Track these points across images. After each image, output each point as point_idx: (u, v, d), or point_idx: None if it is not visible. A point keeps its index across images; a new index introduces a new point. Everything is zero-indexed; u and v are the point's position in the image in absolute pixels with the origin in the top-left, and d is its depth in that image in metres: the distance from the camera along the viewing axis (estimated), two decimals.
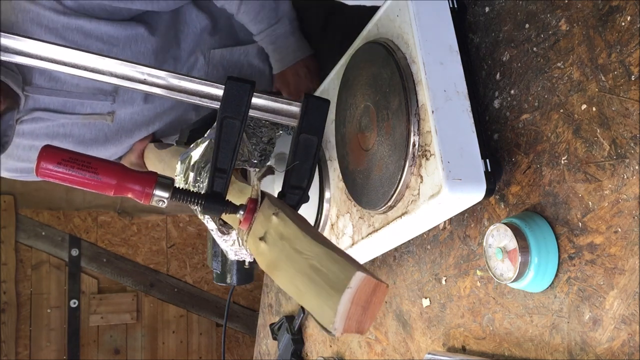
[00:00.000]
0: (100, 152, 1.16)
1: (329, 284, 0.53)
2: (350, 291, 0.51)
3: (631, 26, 0.54)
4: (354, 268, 0.52)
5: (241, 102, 0.69)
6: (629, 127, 0.54)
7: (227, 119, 0.69)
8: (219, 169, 0.69)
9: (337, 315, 0.52)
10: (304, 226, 0.60)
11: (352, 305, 0.52)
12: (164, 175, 0.68)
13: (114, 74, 0.70)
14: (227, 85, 0.69)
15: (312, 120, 0.73)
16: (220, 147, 0.69)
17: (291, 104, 0.74)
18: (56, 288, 2.98)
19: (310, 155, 0.74)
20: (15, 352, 2.87)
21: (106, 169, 0.65)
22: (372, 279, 0.51)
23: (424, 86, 0.66)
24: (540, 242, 0.61)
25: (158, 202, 0.67)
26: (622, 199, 0.54)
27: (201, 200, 0.68)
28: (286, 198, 0.73)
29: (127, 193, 0.66)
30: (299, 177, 0.74)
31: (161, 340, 3.14)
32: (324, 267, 0.55)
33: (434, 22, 0.69)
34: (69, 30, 1.00)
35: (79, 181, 0.64)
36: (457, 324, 0.76)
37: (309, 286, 0.56)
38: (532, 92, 0.66)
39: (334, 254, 0.55)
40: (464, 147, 0.65)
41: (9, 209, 2.92)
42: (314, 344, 1.21)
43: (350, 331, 0.52)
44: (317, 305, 0.55)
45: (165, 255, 3.19)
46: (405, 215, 0.69)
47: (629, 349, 0.53)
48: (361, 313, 0.52)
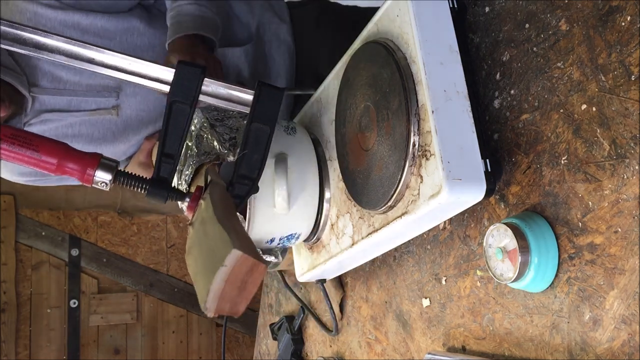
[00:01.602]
0: (110, 150, 1.16)
1: (213, 264, 0.50)
2: (225, 269, 0.48)
3: (631, 26, 0.54)
4: (232, 246, 0.48)
5: (191, 86, 0.67)
6: (629, 127, 0.54)
7: (176, 104, 0.68)
8: (166, 154, 0.68)
9: (209, 294, 0.48)
10: (220, 209, 0.57)
11: (226, 284, 0.48)
12: (109, 157, 0.67)
13: (61, 49, 0.69)
14: (177, 68, 0.68)
15: (265, 109, 0.71)
16: (168, 132, 0.68)
17: (244, 91, 0.72)
18: (56, 288, 2.98)
19: (262, 146, 0.72)
20: (15, 352, 2.87)
21: (48, 148, 0.64)
22: (249, 258, 0.48)
23: (424, 86, 0.66)
24: (540, 242, 0.61)
25: (101, 185, 0.66)
26: (622, 199, 0.54)
27: (146, 185, 0.67)
28: (235, 188, 0.71)
29: (68, 173, 0.65)
30: (249, 167, 0.72)
31: (161, 340, 3.14)
32: (216, 248, 0.52)
33: (434, 22, 0.69)
34: (66, 28, 1.01)
35: (20, 158, 0.63)
36: (457, 324, 0.76)
37: (202, 268, 0.53)
38: (532, 92, 0.66)
39: (225, 233, 0.51)
40: (464, 147, 0.65)
41: (9, 209, 2.92)
42: (314, 344, 1.21)
43: (223, 312, 0.49)
44: (201, 286, 0.52)
45: (165, 255, 3.19)
46: (405, 215, 0.69)
47: (629, 349, 0.53)
48: (237, 294, 0.49)
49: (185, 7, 1.05)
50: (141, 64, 0.70)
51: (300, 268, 1.02)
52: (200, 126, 0.88)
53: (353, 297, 1.04)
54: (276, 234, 0.90)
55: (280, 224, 0.89)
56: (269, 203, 0.84)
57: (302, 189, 0.88)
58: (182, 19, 1.04)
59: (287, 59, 1.26)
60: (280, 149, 0.87)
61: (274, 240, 0.91)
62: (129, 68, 0.70)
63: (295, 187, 0.87)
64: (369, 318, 0.99)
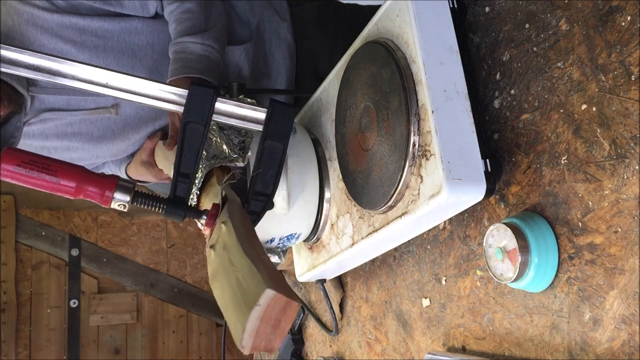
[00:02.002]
0: (109, 148, 1.16)
1: (245, 299, 0.51)
2: (259, 309, 0.49)
3: (631, 26, 0.54)
4: (265, 285, 0.49)
5: (204, 107, 0.69)
6: (629, 127, 0.54)
7: (190, 124, 0.69)
8: (182, 173, 0.69)
9: (245, 332, 0.49)
10: (244, 237, 0.58)
11: (261, 323, 0.49)
12: (126, 179, 0.67)
13: (75, 76, 0.70)
14: (190, 90, 0.69)
15: (278, 127, 0.72)
16: (184, 152, 0.69)
17: (256, 109, 0.73)
18: (56, 288, 2.98)
19: (276, 162, 0.73)
20: (15, 352, 2.87)
21: (66, 172, 0.64)
22: (283, 297, 0.49)
23: (424, 86, 0.66)
24: (540, 242, 0.61)
25: (119, 206, 0.67)
26: (622, 199, 0.54)
27: (163, 204, 0.68)
28: (250, 205, 0.73)
29: (87, 196, 0.65)
30: (264, 184, 0.73)
31: (161, 340, 3.14)
32: (245, 281, 0.53)
33: (434, 22, 0.69)
34: (64, 28, 1.01)
35: (39, 183, 0.64)
36: (457, 324, 0.76)
37: (232, 300, 0.54)
38: (532, 92, 0.66)
39: (254, 267, 0.52)
40: (464, 147, 0.65)
41: (9, 209, 2.92)
42: (314, 344, 1.21)
43: (258, 349, 0.50)
44: (233, 320, 0.53)
45: (165, 255, 3.19)
46: (405, 215, 0.69)
47: (629, 349, 0.53)
48: (271, 331, 0.50)
49: (191, 46, 1.03)
50: (155, 86, 0.71)
51: (300, 268, 1.02)
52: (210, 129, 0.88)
53: (353, 297, 1.04)
54: (276, 234, 0.90)
55: (280, 224, 0.89)
56: None
57: (302, 189, 0.88)
58: (187, 57, 1.03)
59: (287, 58, 1.25)
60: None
61: (274, 240, 0.91)
62: (142, 91, 0.71)
63: (295, 187, 0.87)
64: (369, 318, 0.99)
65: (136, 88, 0.71)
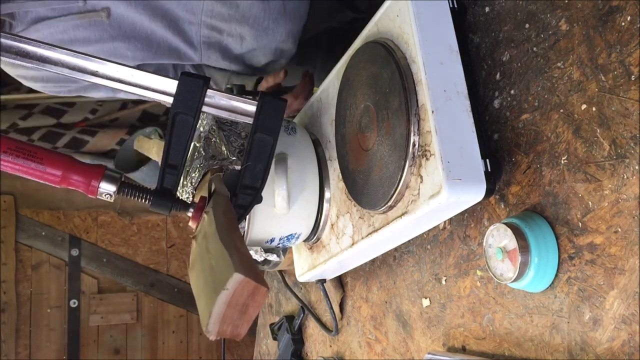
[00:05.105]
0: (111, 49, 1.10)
1: (214, 285, 0.50)
2: (227, 293, 0.48)
3: (631, 26, 0.54)
4: (233, 269, 0.48)
5: (194, 98, 0.68)
6: (629, 127, 0.54)
7: (179, 115, 0.68)
8: (170, 165, 0.69)
9: (211, 317, 0.48)
10: (223, 225, 0.57)
11: (227, 307, 0.48)
12: (113, 169, 0.67)
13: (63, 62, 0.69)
14: (180, 80, 0.68)
15: (268, 120, 0.72)
16: (172, 144, 0.68)
17: (247, 102, 0.73)
18: (56, 288, 2.98)
19: (265, 156, 0.73)
20: (15, 352, 2.87)
21: (52, 160, 0.64)
22: (251, 282, 0.48)
23: (424, 86, 0.66)
24: (540, 242, 0.61)
25: (105, 196, 0.66)
26: (622, 199, 0.54)
27: (149, 196, 0.68)
28: (238, 198, 0.72)
29: (72, 185, 0.65)
30: (252, 178, 0.73)
31: (161, 340, 3.14)
32: (216, 267, 0.52)
33: (434, 22, 0.69)
34: None
35: (24, 171, 0.64)
36: (457, 324, 0.76)
37: (204, 286, 0.53)
38: (532, 92, 0.66)
39: (226, 253, 0.51)
40: (464, 147, 0.65)
41: (9, 209, 2.92)
42: (314, 344, 1.21)
43: (224, 335, 0.49)
44: (202, 305, 0.52)
45: (165, 255, 3.19)
46: (405, 215, 0.69)
47: (629, 349, 0.53)
48: (238, 317, 0.49)
49: None
50: (144, 75, 0.70)
51: (300, 268, 1.02)
52: (209, 128, 0.88)
53: (353, 297, 1.04)
54: (276, 234, 0.90)
55: (280, 224, 0.89)
56: (269, 203, 0.84)
57: (302, 189, 0.88)
58: None
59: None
60: (280, 149, 0.87)
61: (273, 240, 0.91)
62: (132, 80, 0.70)
63: (295, 187, 0.87)
64: (369, 318, 0.99)
65: (125, 77, 0.70)
